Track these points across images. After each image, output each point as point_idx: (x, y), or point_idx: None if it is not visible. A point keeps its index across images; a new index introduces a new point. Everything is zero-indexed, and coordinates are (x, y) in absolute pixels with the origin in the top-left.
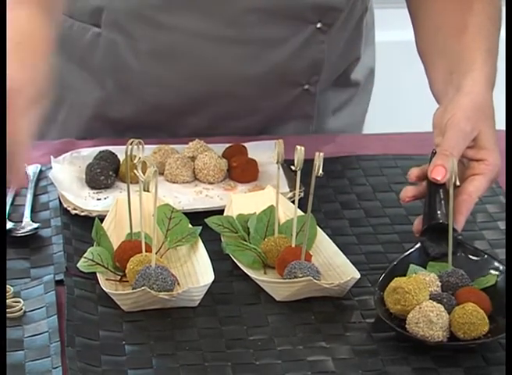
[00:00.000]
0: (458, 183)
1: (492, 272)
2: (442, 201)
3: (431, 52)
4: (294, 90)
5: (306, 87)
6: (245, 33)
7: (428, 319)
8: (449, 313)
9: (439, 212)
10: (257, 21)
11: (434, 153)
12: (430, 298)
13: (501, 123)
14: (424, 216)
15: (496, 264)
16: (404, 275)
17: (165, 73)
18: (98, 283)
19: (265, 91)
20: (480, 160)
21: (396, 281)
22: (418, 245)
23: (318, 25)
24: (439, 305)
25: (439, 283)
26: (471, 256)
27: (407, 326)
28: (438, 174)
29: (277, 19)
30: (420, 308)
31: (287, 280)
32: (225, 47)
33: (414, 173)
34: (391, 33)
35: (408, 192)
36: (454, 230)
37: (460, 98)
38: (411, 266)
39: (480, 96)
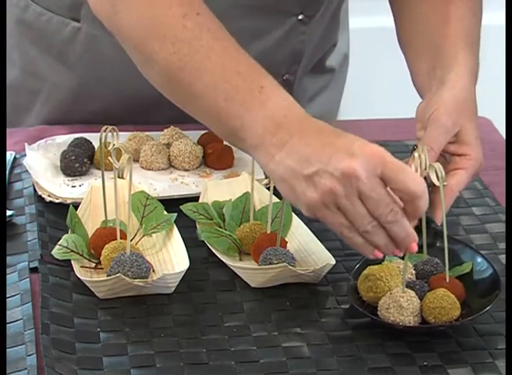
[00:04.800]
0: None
1: (468, 260)
2: None
3: (413, 44)
4: None
5: (285, 76)
6: (226, 26)
7: (399, 304)
8: (421, 300)
9: None
10: (240, 15)
11: (414, 148)
12: None
13: (483, 111)
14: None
15: (472, 253)
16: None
17: None
18: (73, 270)
19: None
20: (462, 155)
21: (369, 269)
22: None
23: (300, 17)
24: (410, 290)
25: (414, 271)
26: (449, 247)
27: (378, 312)
28: None
29: (260, 13)
30: (391, 294)
31: (262, 267)
32: None
33: None
34: (365, 19)
35: None
36: (433, 221)
37: (443, 93)
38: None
39: (463, 91)
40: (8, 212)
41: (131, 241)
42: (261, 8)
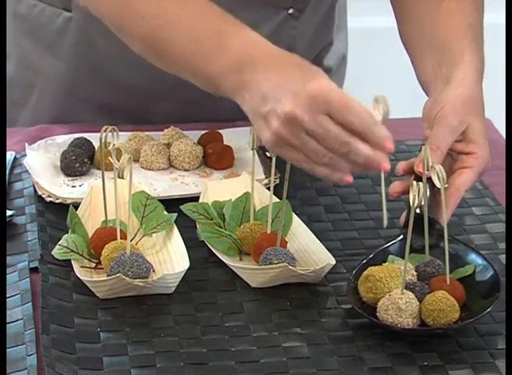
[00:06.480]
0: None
1: (471, 263)
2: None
3: (416, 41)
4: None
5: None
6: None
7: (397, 306)
8: (421, 301)
9: (422, 204)
10: (229, 7)
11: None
12: None
13: (488, 112)
14: (408, 208)
15: (475, 255)
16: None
17: (137, 57)
18: (73, 270)
19: None
20: (468, 153)
21: (369, 270)
22: (400, 237)
23: (290, 11)
24: (409, 292)
25: (415, 273)
26: (451, 248)
27: (377, 313)
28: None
29: (249, 6)
30: (389, 295)
31: (263, 267)
32: None
33: (401, 166)
34: (364, 19)
35: (396, 187)
36: (438, 223)
37: (449, 91)
38: (390, 256)
39: (470, 89)
40: (9, 212)
41: (131, 241)
42: (250, 0)
